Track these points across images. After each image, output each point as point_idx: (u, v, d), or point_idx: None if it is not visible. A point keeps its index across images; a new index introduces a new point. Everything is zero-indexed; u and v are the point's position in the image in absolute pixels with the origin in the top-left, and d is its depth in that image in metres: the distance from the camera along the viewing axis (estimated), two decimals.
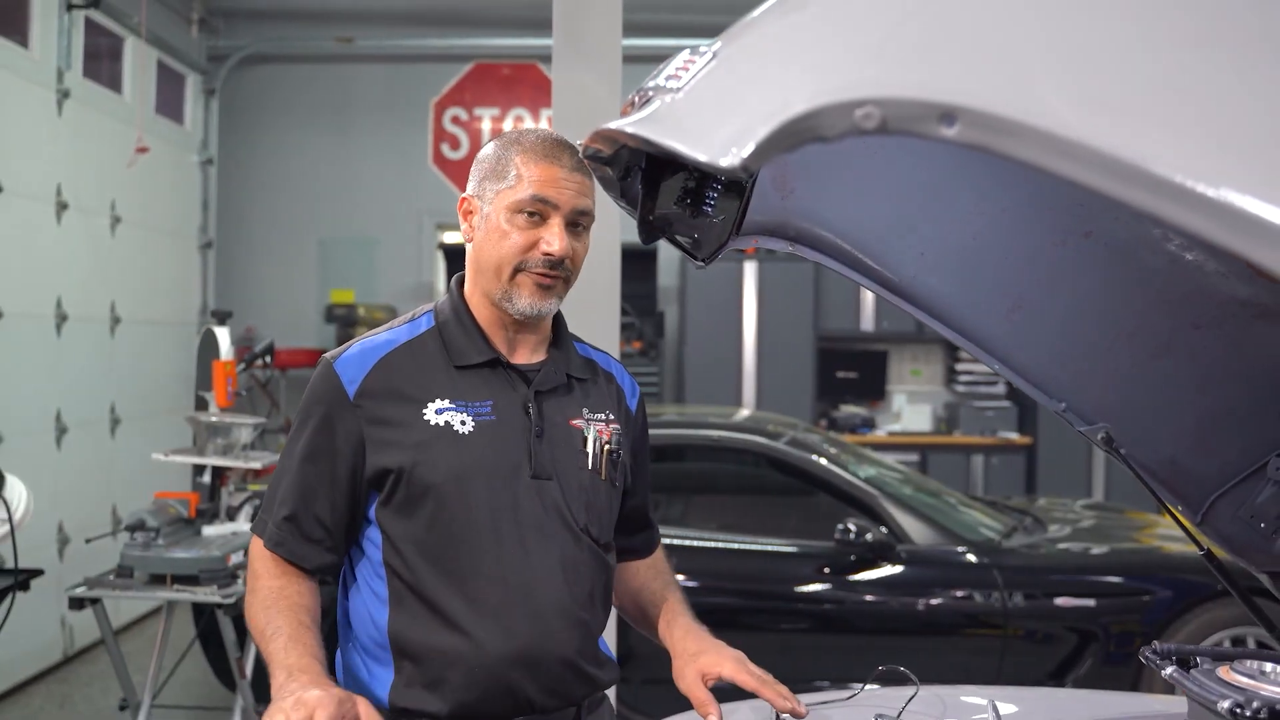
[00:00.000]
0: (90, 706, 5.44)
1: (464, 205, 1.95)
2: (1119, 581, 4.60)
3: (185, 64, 7.93)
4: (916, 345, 8.76)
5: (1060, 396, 2.03)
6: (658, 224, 1.43)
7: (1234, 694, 1.31)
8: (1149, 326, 1.91)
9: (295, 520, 1.84)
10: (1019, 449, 8.30)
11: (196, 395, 3.97)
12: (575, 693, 1.91)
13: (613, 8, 3.47)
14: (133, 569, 3.56)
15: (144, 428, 7.04)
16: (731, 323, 8.17)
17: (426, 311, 2.01)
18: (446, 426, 1.84)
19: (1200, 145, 0.86)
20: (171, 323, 7.69)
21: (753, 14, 1.17)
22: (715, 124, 0.98)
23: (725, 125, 0.96)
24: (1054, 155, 0.87)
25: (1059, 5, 0.97)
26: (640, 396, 2.13)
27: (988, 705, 1.76)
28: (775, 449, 4.90)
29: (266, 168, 8.67)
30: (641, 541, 2.17)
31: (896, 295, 1.92)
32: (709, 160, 0.93)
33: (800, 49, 1.01)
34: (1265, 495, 2.05)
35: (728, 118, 0.97)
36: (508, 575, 1.83)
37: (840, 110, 0.89)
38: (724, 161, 0.92)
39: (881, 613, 4.54)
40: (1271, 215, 0.83)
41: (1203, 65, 0.91)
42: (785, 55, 1.02)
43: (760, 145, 0.90)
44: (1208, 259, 1.72)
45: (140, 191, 7.01)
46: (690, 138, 0.99)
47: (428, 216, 8.77)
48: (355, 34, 8.55)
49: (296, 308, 8.55)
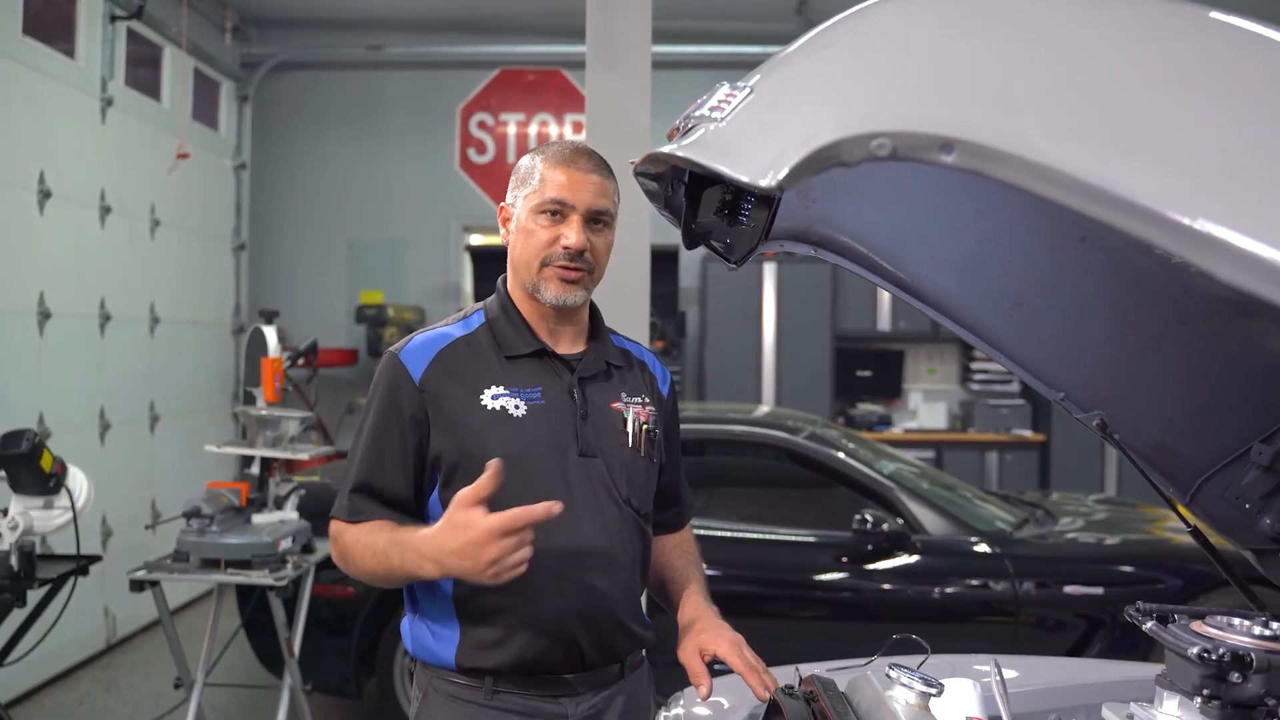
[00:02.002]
0: (134, 692, 5.66)
1: (502, 213, 2.16)
2: (1129, 570, 4.76)
3: (219, 71, 8.17)
4: (932, 345, 8.94)
5: (1059, 387, 2.21)
6: (700, 231, 1.63)
7: (1203, 642, 1.50)
8: (1140, 323, 2.09)
9: (371, 491, 2.03)
10: (1033, 446, 8.47)
11: (245, 391, 4.18)
12: (621, 649, 2.10)
13: (642, 19, 3.66)
14: (189, 554, 3.77)
15: (181, 424, 7.29)
16: (751, 322, 8.35)
17: (477, 310, 2.19)
18: (502, 410, 2.03)
19: (1153, 171, 1.06)
20: (207, 323, 7.93)
21: (782, 54, 1.37)
22: (754, 150, 1.18)
23: (763, 151, 1.16)
24: (1035, 179, 1.06)
25: (1039, 52, 1.16)
26: (671, 383, 2.32)
27: (991, 664, 1.95)
28: (796, 443, 5.08)
29: (298, 172, 8.91)
30: (673, 516, 2.34)
31: (908, 294, 2.11)
32: (751, 181, 1.13)
33: (823, 88, 1.21)
34: (1249, 478, 2.23)
35: (765, 145, 1.17)
36: (562, 542, 1.99)
37: (859, 141, 1.09)
38: (764, 182, 1.12)
39: (897, 600, 4.71)
40: (1212, 229, 1.03)
41: (1158, 103, 1.10)
42: (811, 93, 1.22)
43: (793, 169, 1.10)
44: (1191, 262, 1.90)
45: (177, 195, 7.26)
46: (734, 161, 1.18)
47: (454, 219, 9.00)
48: (384, 41, 8.77)
49: (327, 308, 8.78)
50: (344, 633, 4.77)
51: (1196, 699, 1.49)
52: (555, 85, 8.95)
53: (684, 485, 2.38)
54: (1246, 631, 1.53)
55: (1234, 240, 1.03)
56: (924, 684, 1.59)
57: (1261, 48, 1.20)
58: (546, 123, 8.97)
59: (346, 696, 4.86)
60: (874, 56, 1.22)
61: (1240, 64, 1.19)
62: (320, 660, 4.72)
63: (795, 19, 8.53)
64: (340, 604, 4.77)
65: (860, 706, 1.70)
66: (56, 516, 3.67)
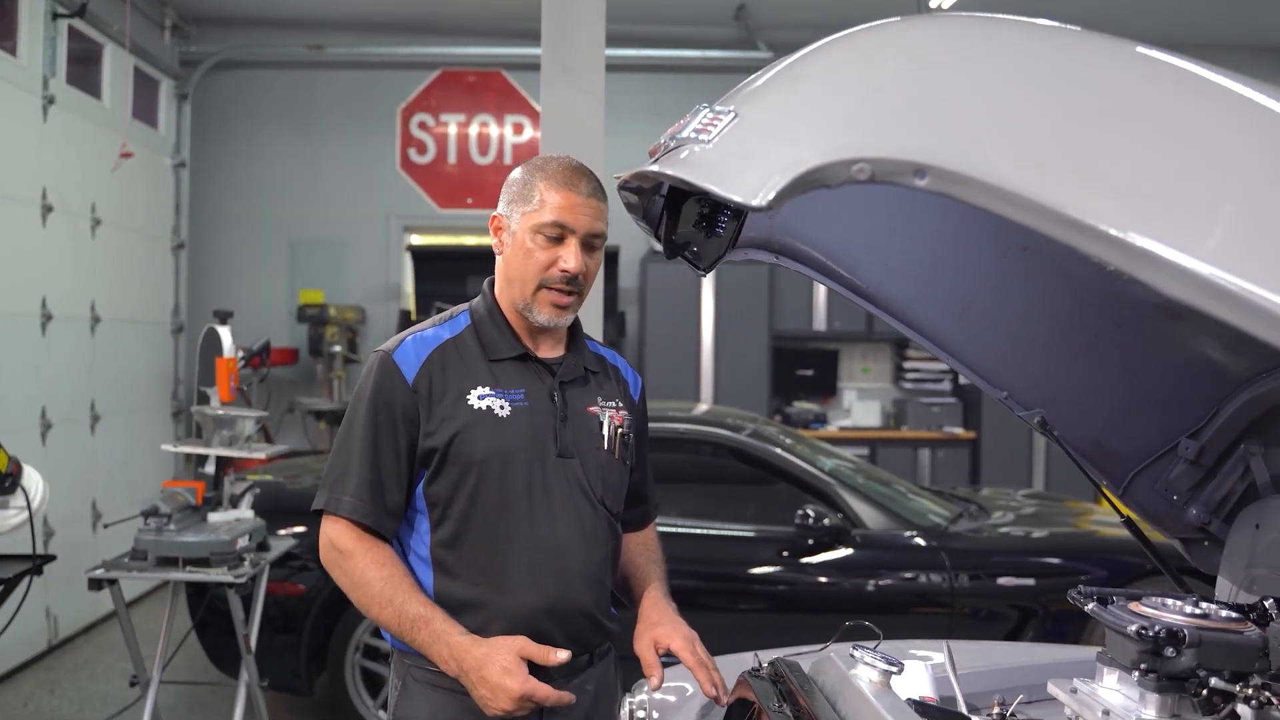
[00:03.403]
0: (80, 692, 5.65)
1: (494, 222, 2.22)
2: (1058, 562, 4.95)
3: (159, 69, 8.13)
4: (866, 344, 9.13)
5: (1003, 386, 2.35)
6: (679, 242, 1.75)
7: (1141, 620, 1.63)
8: (1078, 325, 2.24)
9: (374, 493, 2.12)
10: (964, 443, 8.70)
11: (198, 390, 4.21)
12: (591, 641, 2.21)
13: (596, 26, 3.76)
14: (147, 552, 3.80)
15: (122, 423, 7.26)
16: (690, 322, 8.48)
17: (463, 311, 2.29)
18: (488, 410, 2.13)
19: (1101, 195, 1.19)
20: (146, 322, 7.89)
21: (761, 79, 1.49)
22: (742, 171, 1.29)
23: (751, 173, 1.27)
24: (998, 201, 1.19)
25: (1001, 87, 1.29)
26: (642, 388, 2.43)
27: (944, 648, 2.08)
28: (739, 440, 5.21)
29: (238, 171, 8.89)
30: (640, 514, 2.46)
31: (864, 299, 2.24)
32: (744, 201, 1.24)
33: (805, 115, 1.33)
34: (1177, 471, 2.39)
35: (752, 167, 1.28)
36: (538, 539, 2.12)
37: (841, 166, 1.21)
38: (755, 202, 1.23)
39: (837, 593, 4.86)
40: (1147, 244, 1.16)
41: (1100, 134, 1.23)
42: (793, 119, 1.33)
43: (782, 191, 1.21)
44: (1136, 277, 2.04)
45: (118, 194, 7.22)
46: (724, 181, 1.29)
47: (395, 219, 9.03)
48: (325, 41, 8.78)
49: (267, 308, 8.77)
50: (294, 629, 4.81)
51: (1134, 673, 1.63)
52: (496, 86, 9.03)
53: (651, 485, 2.49)
54: (1179, 611, 1.67)
55: (1169, 255, 1.16)
56: (885, 663, 1.71)
57: (1188, 82, 1.34)
58: (487, 124, 9.04)
59: (297, 693, 4.90)
60: (850, 86, 1.33)
61: (1168, 98, 1.32)
62: (270, 657, 4.76)
63: (733, 24, 8.67)
64: (289, 601, 4.82)
65: (825, 686, 1.81)
66: (12, 516, 3.68)
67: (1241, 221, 1.16)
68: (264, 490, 4.31)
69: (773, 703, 1.84)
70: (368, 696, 4.87)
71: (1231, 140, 1.26)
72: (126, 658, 5.21)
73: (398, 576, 2.09)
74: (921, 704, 1.82)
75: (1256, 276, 1.09)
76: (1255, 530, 2.27)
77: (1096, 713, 1.67)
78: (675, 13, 8.63)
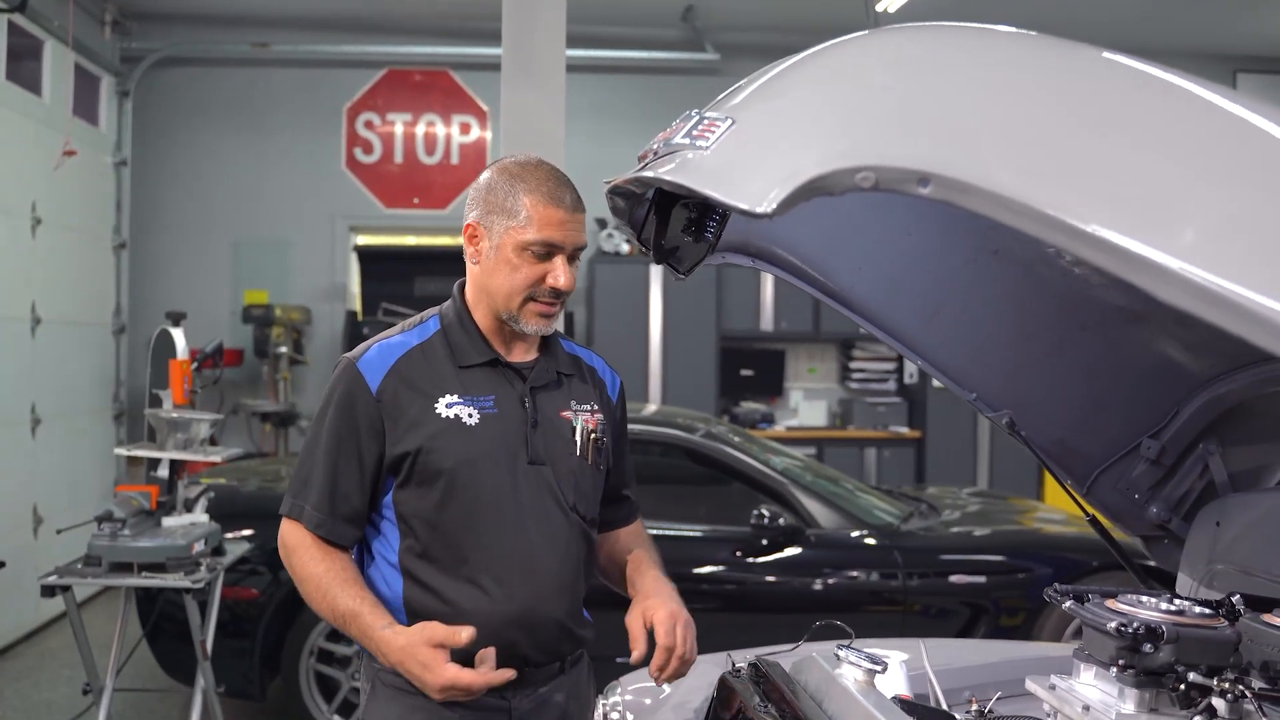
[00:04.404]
0: (25, 700, 5.54)
1: (469, 230, 2.17)
2: (1006, 560, 5.02)
3: (100, 66, 7.98)
4: (812, 344, 9.20)
5: (971, 388, 2.40)
6: (668, 247, 1.76)
7: (1118, 617, 1.67)
8: (1045, 328, 2.28)
9: (333, 504, 2.11)
10: (909, 442, 8.80)
11: (151, 393, 4.15)
12: (563, 649, 2.20)
13: (557, 31, 3.77)
14: (100, 557, 3.75)
15: (63, 427, 7.13)
16: (638, 323, 8.50)
17: (432, 316, 2.25)
18: (456, 419, 2.11)
19: (1097, 201, 1.22)
20: (87, 323, 7.76)
21: (753, 86, 1.50)
22: (744, 178, 1.31)
23: (754, 180, 1.29)
24: (1000, 209, 1.21)
25: (998, 96, 1.32)
26: (621, 387, 2.41)
27: (917, 647, 2.12)
28: (694, 441, 5.22)
29: (181, 170, 8.76)
30: (621, 513, 2.42)
31: (838, 302, 2.27)
32: (748, 208, 1.25)
33: (806, 122, 1.35)
34: (1138, 470, 2.45)
35: (754, 174, 1.30)
36: (509, 548, 2.11)
37: (845, 174, 1.23)
38: (759, 209, 1.24)
39: (790, 592, 4.89)
40: (1145, 251, 1.19)
41: (1100, 142, 1.27)
42: (794, 127, 1.35)
43: (787, 198, 1.23)
44: (1092, 272, 2.09)
45: (58, 193, 7.09)
46: (726, 188, 1.31)
47: (341, 219, 8.95)
48: (270, 39, 8.68)
49: (211, 308, 8.63)
50: (246, 634, 4.76)
51: (1113, 668, 1.66)
52: (443, 86, 8.99)
53: (632, 483, 2.46)
54: (1155, 607, 1.71)
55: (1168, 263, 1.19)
56: (870, 662, 1.74)
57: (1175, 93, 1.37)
58: (434, 123, 9.00)
59: (250, 698, 4.85)
60: (849, 94, 1.36)
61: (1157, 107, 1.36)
62: (222, 662, 4.70)
63: (681, 25, 8.70)
64: (242, 605, 4.77)
65: (809, 685, 1.84)
66: None
67: (1237, 229, 1.20)
68: (219, 494, 4.26)
69: (756, 702, 1.86)
70: (322, 701, 4.83)
71: (1221, 149, 1.30)
72: (71, 665, 5.14)
73: (335, 569, 2.08)
74: (907, 702, 1.85)
75: (1256, 284, 1.12)
76: (1216, 528, 2.33)
77: (1076, 708, 1.71)
78: (622, 14, 8.64)
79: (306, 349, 8.69)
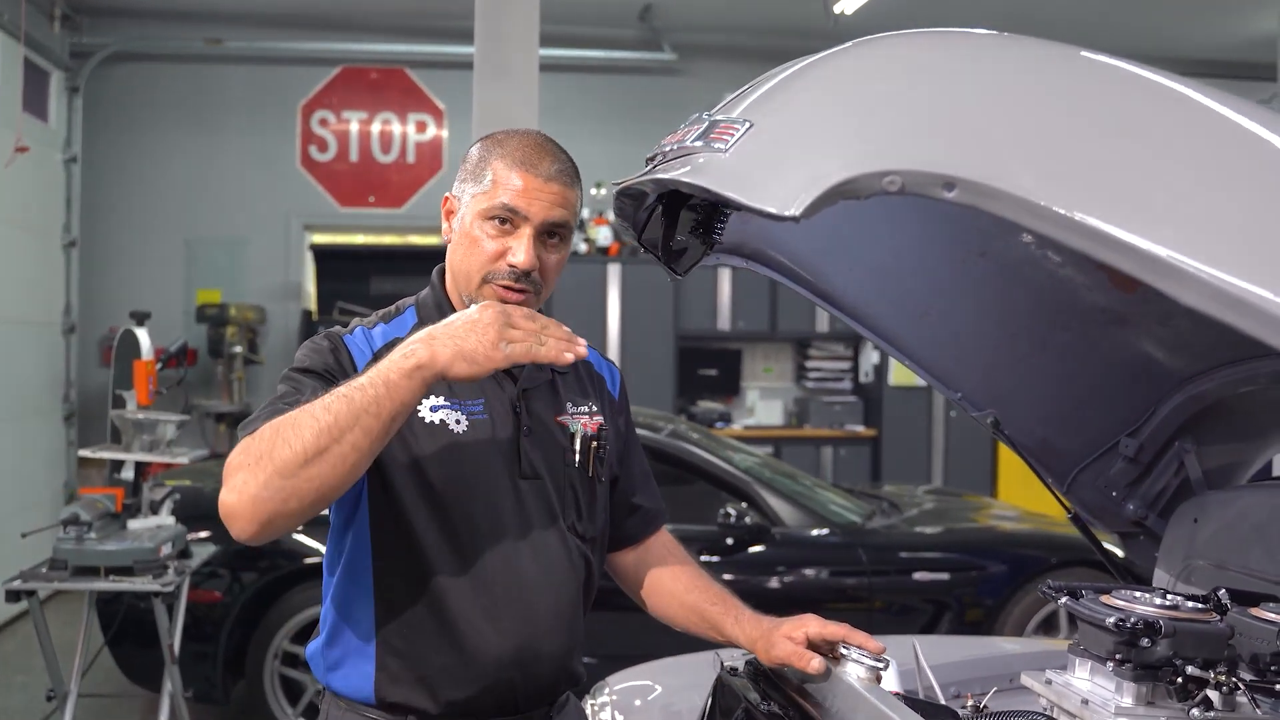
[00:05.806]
0: None
1: (446, 204, 1.90)
2: (967, 558, 5.09)
3: (49, 61, 7.85)
4: (769, 344, 9.25)
5: (957, 388, 2.43)
6: (678, 250, 1.77)
7: (1117, 612, 1.71)
8: (1029, 329, 2.32)
9: None
10: (865, 440, 8.88)
11: (114, 394, 4.09)
12: (558, 690, 1.93)
13: (530, 31, 3.77)
14: (66, 561, 3.69)
15: (12, 429, 7.00)
16: (596, 322, 8.48)
17: (409, 306, 1.96)
18: (442, 424, 1.82)
19: (1122, 207, 1.24)
20: (36, 323, 7.62)
21: (771, 85, 1.51)
22: (768, 181, 1.32)
23: (778, 183, 1.30)
24: (1023, 213, 1.23)
25: (1021, 104, 1.34)
26: (621, 381, 2.13)
27: (911, 645, 2.14)
28: (659, 440, 5.24)
29: (132, 167, 8.62)
30: (638, 524, 2.11)
31: (828, 303, 2.29)
32: (776, 211, 1.26)
33: (830, 126, 1.36)
34: (1116, 468, 2.50)
35: (779, 177, 1.31)
36: (500, 576, 1.82)
37: (873, 177, 1.25)
38: (788, 212, 1.25)
39: (755, 590, 4.92)
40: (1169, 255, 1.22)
41: (1121, 151, 1.29)
42: (817, 130, 1.37)
43: (814, 202, 1.24)
44: (1076, 274, 2.13)
45: (5, 190, 6.95)
46: (749, 191, 1.32)
47: (295, 218, 8.87)
48: (223, 35, 8.58)
49: (163, 307, 8.43)
50: (209, 637, 4.71)
51: (1109, 663, 1.70)
52: (399, 84, 8.94)
53: (649, 487, 2.15)
54: (1150, 602, 1.74)
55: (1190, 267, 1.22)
56: (873, 660, 1.76)
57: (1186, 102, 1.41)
58: (390, 121, 8.95)
59: (213, 702, 4.80)
60: (871, 98, 1.37)
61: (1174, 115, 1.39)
62: (185, 666, 4.64)
63: (638, 25, 8.71)
64: (204, 609, 4.72)
65: (811, 683, 1.85)
66: None
67: (1259, 232, 1.23)
68: (185, 495, 4.21)
69: (757, 701, 1.87)
70: (287, 705, 4.79)
71: (1231, 155, 1.33)
72: (23, 670, 5.05)
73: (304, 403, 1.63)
74: (910, 698, 1.87)
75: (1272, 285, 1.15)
76: (1193, 524, 2.39)
77: (1074, 702, 1.74)
78: (579, 13, 8.62)
79: (261, 349, 8.60)
